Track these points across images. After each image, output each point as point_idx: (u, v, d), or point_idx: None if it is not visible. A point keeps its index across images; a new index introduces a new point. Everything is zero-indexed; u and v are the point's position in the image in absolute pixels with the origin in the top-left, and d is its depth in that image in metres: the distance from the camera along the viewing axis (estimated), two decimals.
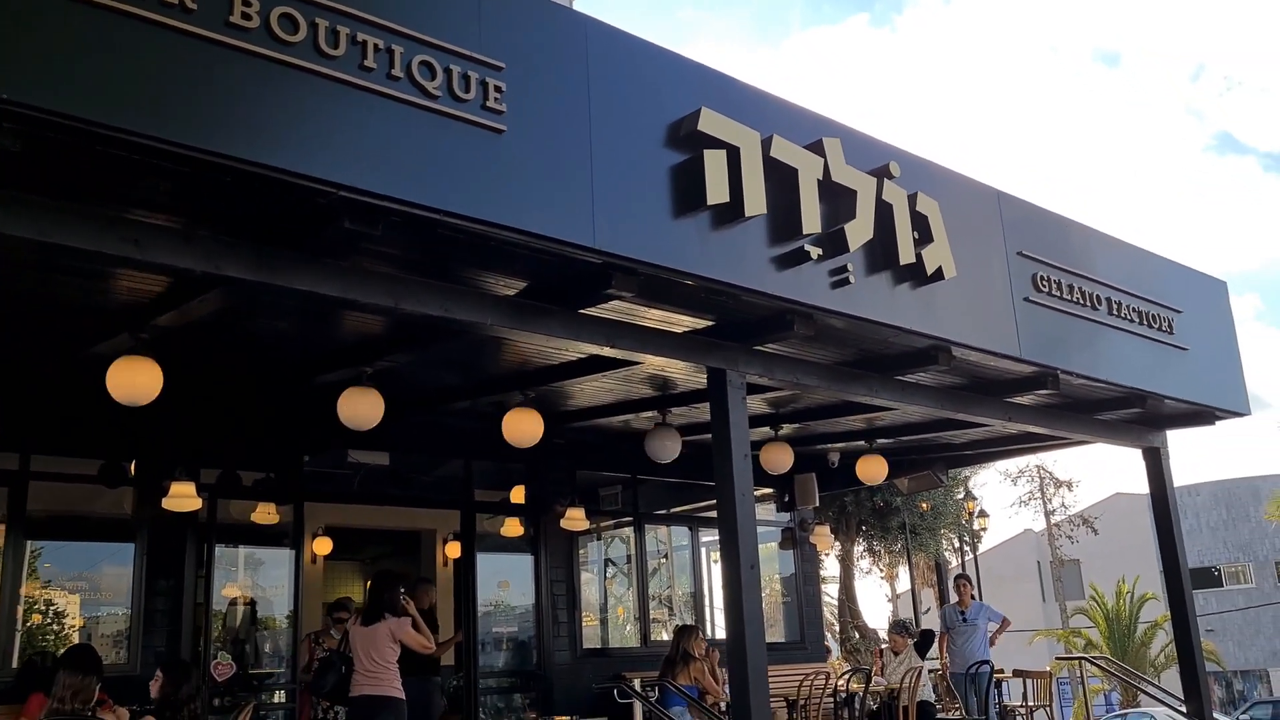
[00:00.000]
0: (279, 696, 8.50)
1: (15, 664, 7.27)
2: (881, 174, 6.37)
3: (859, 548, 19.35)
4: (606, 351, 6.10)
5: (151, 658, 7.61)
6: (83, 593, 8.45)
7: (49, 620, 8.47)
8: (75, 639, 7.99)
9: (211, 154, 3.89)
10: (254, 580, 9.78)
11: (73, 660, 5.89)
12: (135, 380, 5.90)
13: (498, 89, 4.67)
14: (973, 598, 11.40)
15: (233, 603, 9.37)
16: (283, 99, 4.09)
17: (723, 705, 8.74)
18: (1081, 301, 7.85)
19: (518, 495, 10.25)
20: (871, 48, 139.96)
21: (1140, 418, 9.23)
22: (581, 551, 10.59)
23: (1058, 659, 18.54)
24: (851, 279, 6.11)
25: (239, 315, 6.03)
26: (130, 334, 5.89)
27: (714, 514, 9.77)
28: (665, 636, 10.64)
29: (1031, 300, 7.44)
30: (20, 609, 7.60)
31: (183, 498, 7.56)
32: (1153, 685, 11.60)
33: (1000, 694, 11.57)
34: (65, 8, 3.64)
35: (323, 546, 12.09)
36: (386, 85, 4.33)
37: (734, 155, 5.50)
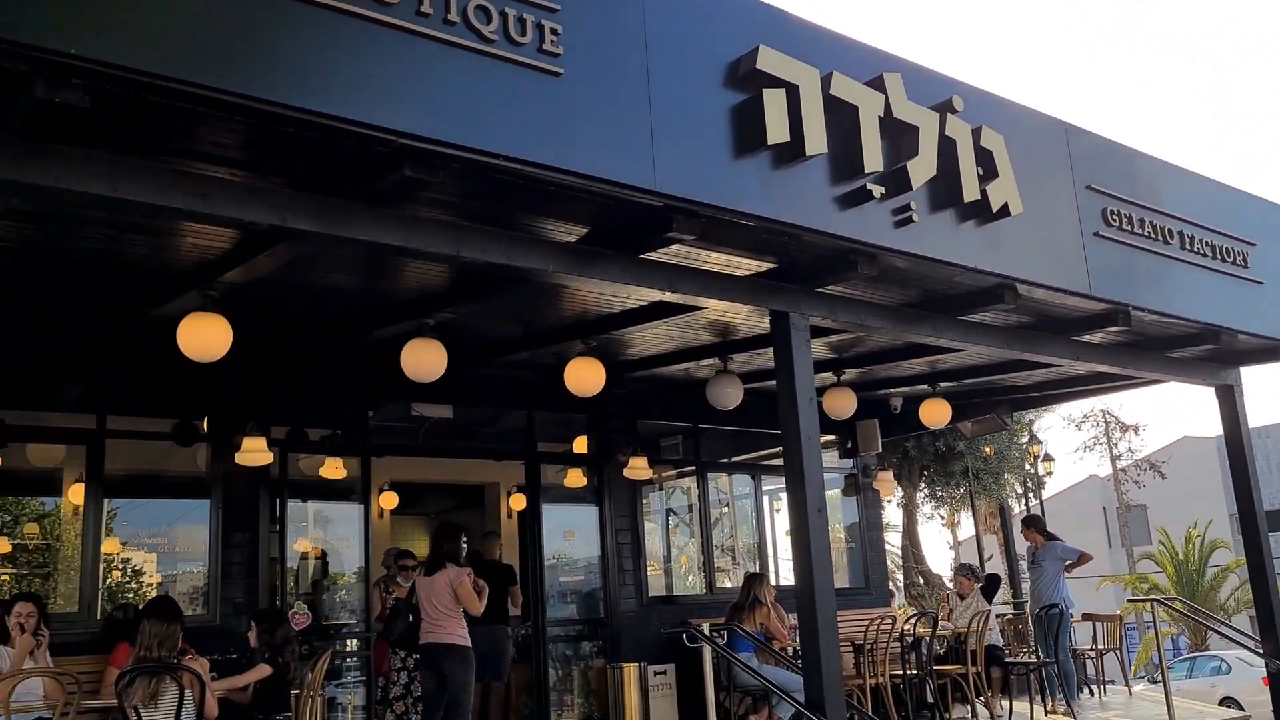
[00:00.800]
0: (352, 645, 8.68)
1: (99, 617, 7.49)
2: (944, 109, 6.23)
3: (922, 493, 19.22)
4: (668, 297, 6.07)
5: (230, 609, 7.81)
6: (160, 549, 8.68)
7: (128, 577, 8.72)
8: (154, 594, 8.22)
9: (274, 104, 3.90)
10: (325, 534, 9.96)
11: (157, 610, 6.06)
12: (205, 337, 6.01)
13: (554, 31, 4.62)
14: (1049, 538, 11.22)
15: (304, 556, 9.56)
16: (341, 48, 4.08)
17: (790, 651, 8.77)
18: (1153, 236, 7.65)
19: (580, 446, 10.30)
20: None
21: (1213, 354, 9.02)
22: (644, 501, 10.63)
23: (1129, 601, 18.33)
24: (915, 217, 6.01)
25: (303, 270, 6.08)
26: (199, 291, 5.98)
27: (776, 462, 9.77)
28: (729, 584, 10.68)
29: (1101, 235, 7.26)
30: (101, 566, 7.82)
31: (255, 452, 7.70)
32: (1228, 626, 11.41)
33: (1072, 638, 11.42)
34: None
35: (389, 501, 12.28)
36: (443, 30, 4.31)
37: (793, 93, 5.41)
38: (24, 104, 3.66)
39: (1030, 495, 22.54)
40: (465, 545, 8.02)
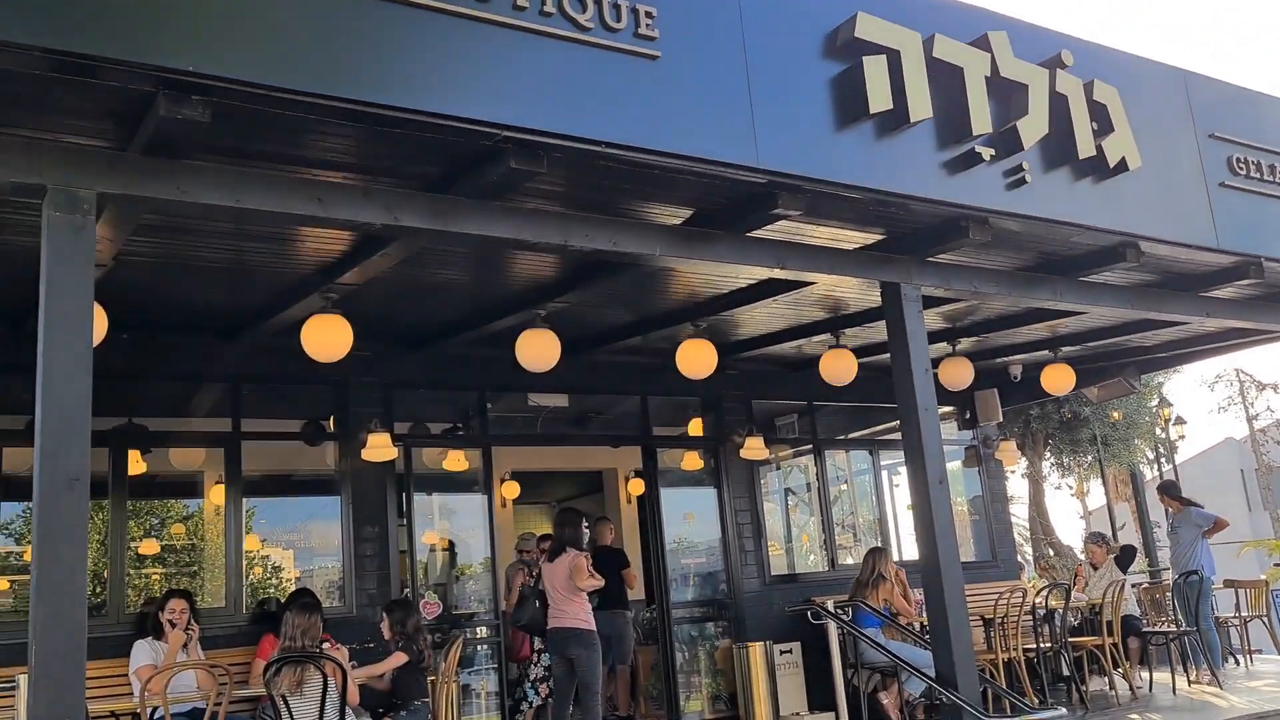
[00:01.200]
0: (482, 632, 8.88)
1: (245, 611, 7.83)
2: (1054, 65, 6.05)
3: (1048, 463, 18.69)
4: (776, 274, 6.04)
5: (365, 601, 8.07)
6: (296, 545, 9.02)
7: (269, 574, 9.09)
8: (294, 588, 8.54)
9: (382, 107, 4.03)
10: (451, 525, 10.20)
11: (298, 602, 6.32)
12: (328, 338, 6.23)
13: (649, 15, 4.64)
14: (1185, 504, 10.82)
15: (432, 548, 9.81)
16: (443, 47, 4.18)
17: (916, 626, 8.66)
18: None
19: (695, 428, 10.32)
20: None
21: None
22: (762, 481, 10.60)
23: (1276, 565, 17.53)
24: (1028, 178, 5.86)
25: (417, 267, 6.24)
26: (319, 294, 6.19)
27: (894, 436, 9.62)
28: (850, 561, 10.59)
29: (1227, 185, 6.96)
30: (244, 563, 8.16)
31: (380, 448, 7.93)
32: None
33: (1214, 605, 10.97)
34: None
35: (510, 490, 12.50)
36: (540, 22, 4.37)
37: (895, 59, 5.32)
38: (149, 122, 3.84)
39: (1163, 461, 21.73)
40: (587, 530, 8.09)
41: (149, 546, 8.70)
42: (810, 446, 10.88)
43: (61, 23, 3.47)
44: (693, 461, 10.25)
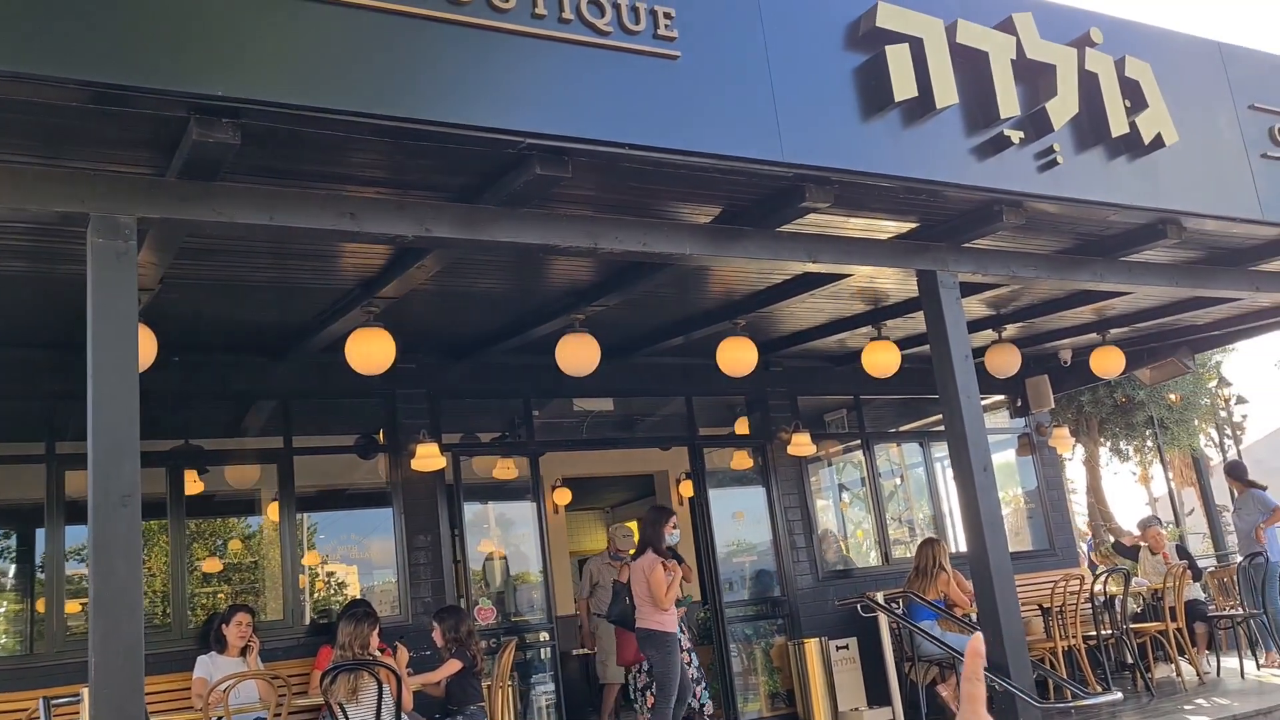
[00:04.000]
0: (541, 636, 8.95)
1: (303, 624, 7.99)
2: (1082, 43, 5.99)
3: (1104, 449, 18.38)
4: (810, 267, 6.05)
5: (420, 609, 8.18)
6: (353, 559, 9.16)
7: (331, 590, 9.24)
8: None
9: (407, 121, 4.11)
10: (503, 534, 10.30)
11: (349, 613, 6.44)
12: (371, 351, 6.35)
13: (667, 15, 4.68)
14: (1249, 485, 10.63)
15: (488, 557, 9.91)
16: (464, 58, 4.25)
17: (973, 617, 8.58)
18: None
19: (742, 427, 10.33)
20: None
21: None
22: (814, 479, 10.57)
23: None
24: (1060, 159, 5.81)
25: (454, 278, 6.34)
26: (361, 308, 6.31)
27: (943, 428, 9.56)
28: (907, 555, 10.51)
29: (1270, 156, 6.83)
30: (305, 577, 8.32)
31: (429, 458, 8.04)
32: None
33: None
34: (261, 3, 3.91)
35: (562, 497, 12.58)
36: (559, 29, 4.43)
37: (918, 47, 5.31)
38: (184, 147, 3.96)
39: (1228, 442, 21.27)
40: (676, 531, 7.94)
41: (211, 565, 8.89)
42: (859, 441, 10.83)
43: (93, 54, 3.59)
44: (741, 460, 10.24)
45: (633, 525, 10.46)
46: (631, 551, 8.97)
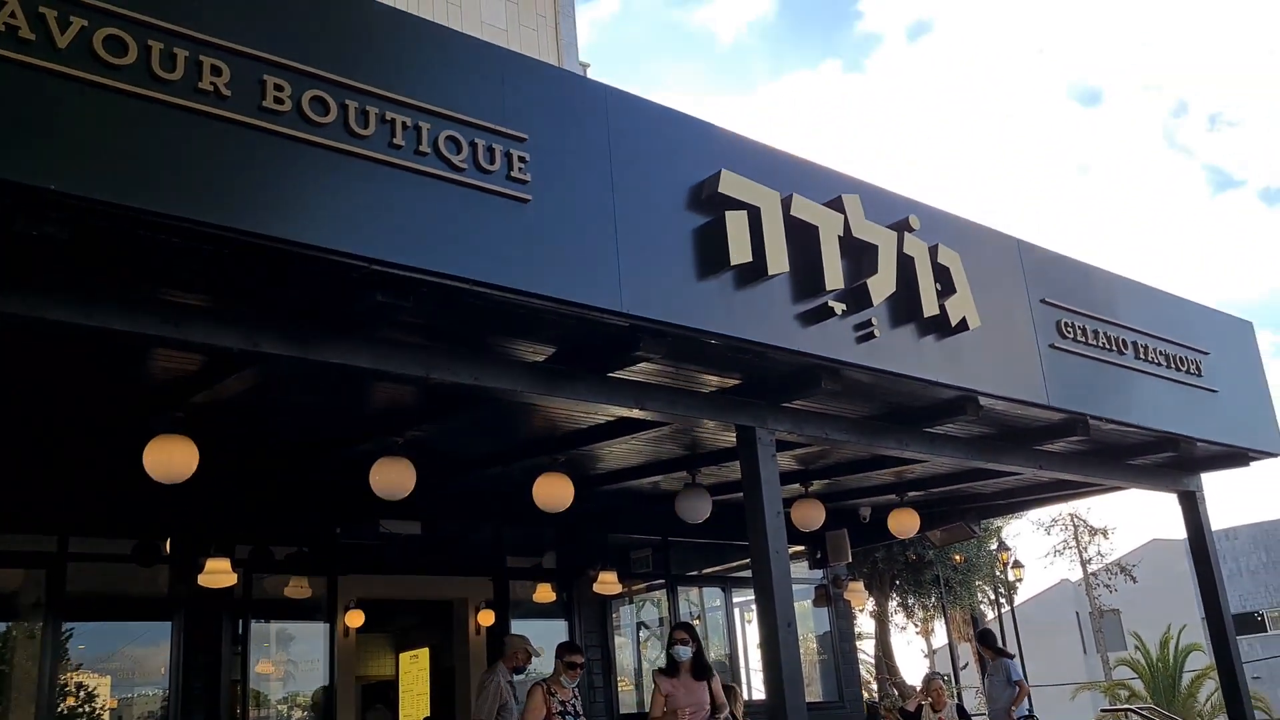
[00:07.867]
0: None
1: None
2: (902, 228, 6.43)
3: (893, 603, 19.09)
4: (636, 414, 6.14)
5: None
6: (115, 674, 8.44)
7: (79, 703, 8.46)
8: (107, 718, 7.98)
9: (247, 234, 4.00)
10: (288, 655, 9.76)
11: None
12: (172, 458, 6.00)
13: (522, 159, 4.77)
14: (999, 654, 11.29)
15: (266, 678, 9.35)
16: (315, 178, 4.20)
17: None
18: (1107, 346, 7.84)
19: (549, 560, 10.22)
20: (846, 92, 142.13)
21: (1173, 461, 9.14)
22: (614, 615, 10.52)
23: (1103, 711, 18.14)
24: (876, 333, 6.14)
25: (272, 390, 6.11)
26: (166, 413, 5.98)
27: (747, 574, 9.71)
28: None
29: (1057, 347, 7.44)
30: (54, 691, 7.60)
31: (218, 574, 7.60)
32: None
33: None
34: (104, 100, 3.76)
35: (355, 619, 12.06)
36: (415, 161, 4.44)
37: (755, 215, 5.58)
38: (3, 238, 3.72)
39: (1002, 602, 22.44)
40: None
41: None
42: (664, 581, 10.88)
43: None
44: (545, 594, 10.12)
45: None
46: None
